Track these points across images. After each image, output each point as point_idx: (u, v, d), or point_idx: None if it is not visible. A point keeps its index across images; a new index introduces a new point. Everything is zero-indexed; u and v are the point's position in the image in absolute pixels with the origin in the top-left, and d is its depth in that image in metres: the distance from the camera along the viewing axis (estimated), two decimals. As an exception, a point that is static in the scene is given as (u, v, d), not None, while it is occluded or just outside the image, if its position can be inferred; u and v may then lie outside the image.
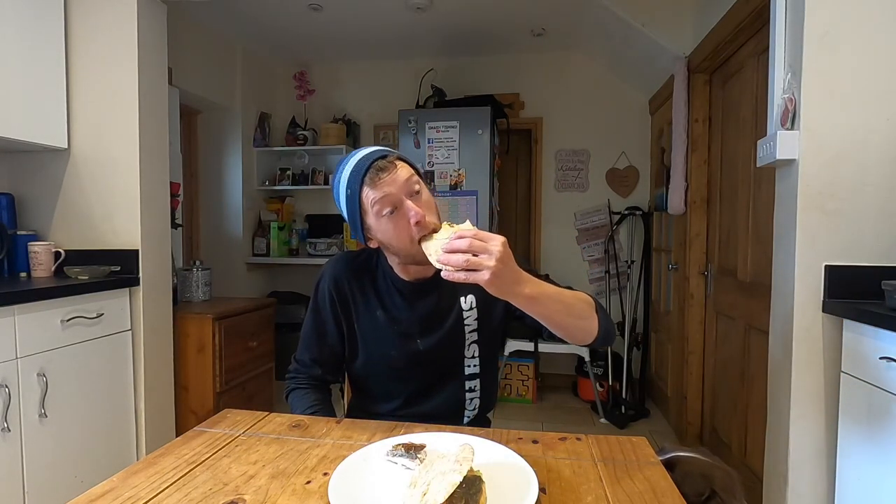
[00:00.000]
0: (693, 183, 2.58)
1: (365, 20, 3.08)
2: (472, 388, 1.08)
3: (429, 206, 0.94)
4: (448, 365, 1.06)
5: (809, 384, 1.40)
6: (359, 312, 1.06)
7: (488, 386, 1.11)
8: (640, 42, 2.74)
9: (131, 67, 1.98)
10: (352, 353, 1.08)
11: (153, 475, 0.66)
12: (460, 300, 1.05)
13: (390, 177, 0.90)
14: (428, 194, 0.96)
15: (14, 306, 1.51)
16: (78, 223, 2.03)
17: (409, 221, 0.89)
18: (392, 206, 0.90)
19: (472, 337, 1.06)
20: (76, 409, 1.74)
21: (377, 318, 1.05)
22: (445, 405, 1.06)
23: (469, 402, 1.08)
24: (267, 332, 2.66)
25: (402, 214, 0.90)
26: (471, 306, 1.05)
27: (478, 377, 1.08)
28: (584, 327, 0.87)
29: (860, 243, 1.38)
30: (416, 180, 0.94)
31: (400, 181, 0.91)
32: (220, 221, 3.48)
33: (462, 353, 1.06)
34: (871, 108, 1.36)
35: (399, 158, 0.95)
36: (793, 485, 1.42)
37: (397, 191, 0.90)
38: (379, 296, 1.06)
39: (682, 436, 2.66)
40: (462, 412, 1.08)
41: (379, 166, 0.91)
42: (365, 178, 0.91)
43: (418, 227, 0.89)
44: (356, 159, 0.94)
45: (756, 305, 1.93)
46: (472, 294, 1.06)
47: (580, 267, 3.59)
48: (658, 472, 0.67)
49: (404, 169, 0.93)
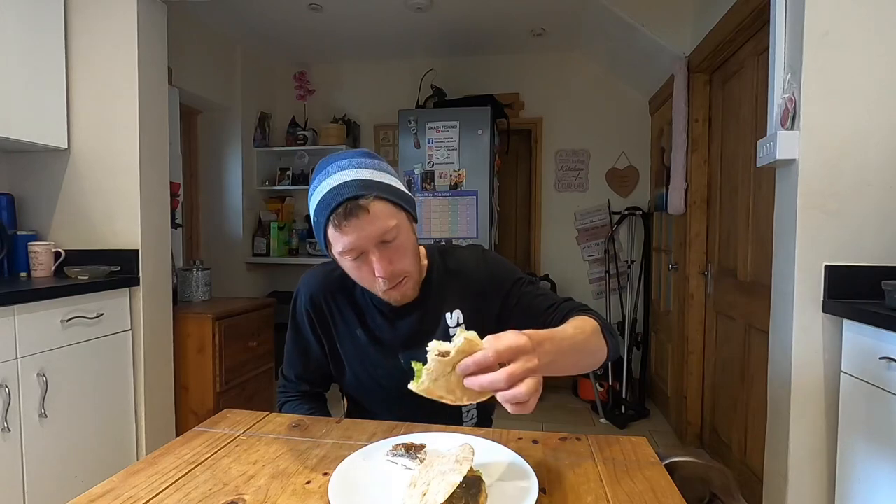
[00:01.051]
0: (693, 183, 2.58)
1: (365, 20, 3.08)
2: (468, 408, 1.01)
3: (402, 252, 0.84)
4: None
5: (809, 384, 1.40)
6: (339, 332, 0.99)
7: (486, 407, 1.05)
8: (640, 42, 2.74)
9: (131, 67, 1.98)
10: (338, 372, 1.02)
11: (153, 475, 0.66)
12: (445, 316, 0.96)
13: (358, 223, 0.79)
14: (405, 237, 0.85)
15: (14, 306, 1.51)
16: (78, 223, 2.03)
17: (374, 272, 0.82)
18: (355, 255, 0.82)
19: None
20: (76, 409, 1.74)
21: (358, 338, 0.97)
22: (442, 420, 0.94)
23: (466, 413, 1.02)
24: (267, 332, 2.66)
25: (368, 262, 0.82)
26: (457, 322, 0.96)
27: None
28: (597, 362, 0.81)
29: (860, 243, 1.38)
30: (394, 227, 0.82)
31: (368, 230, 0.79)
32: (220, 221, 3.48)
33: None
34: (871, 107, 1.36)
35: (379, 197, 0.81)
36: (793, 484, 1.42)
37: (363, 242, 0.80)
38: (358, 313, 0.98)
39: (682, 436, 2.66)
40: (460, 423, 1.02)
41: (347, 209, 0.78)
42: (331, 217, 0.80)
43: (383, 281, 0.83)
44: (328, 186, 0.81)
45: (756, 305, 1.93)
46: (459, 309, 0.97)
47: (580, 267, 3.59)
48: (658, 473, 0.67)
49: (378, 217, 0.80)
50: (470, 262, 0.99)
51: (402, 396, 0.93)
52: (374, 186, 0.81)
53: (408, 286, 0.88)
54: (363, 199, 0.79)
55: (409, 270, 0.87)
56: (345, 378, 1.01)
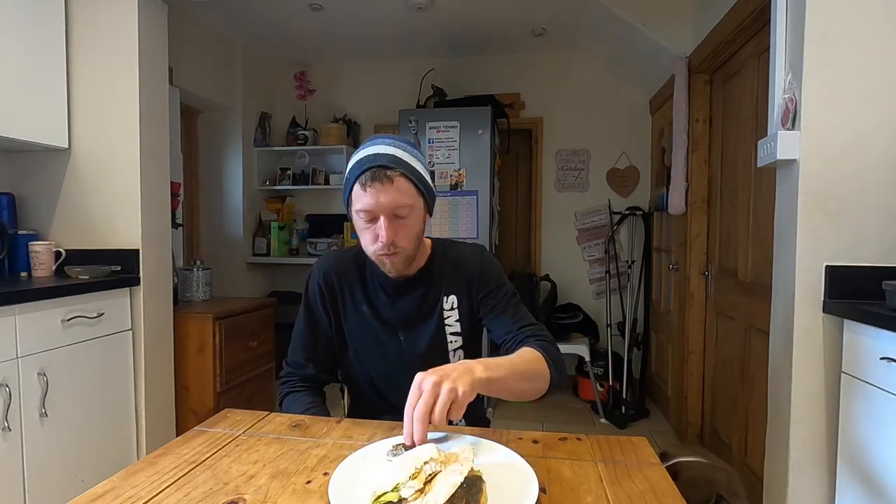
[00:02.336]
0: (693, 183, 2.58)
1: (365, 20, 3.08)
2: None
3: (408, 230, 0.94)
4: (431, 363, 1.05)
5: (810, 384, 1.40)
6: (346, 308, 1.07)
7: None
8: (641, 42, 2.74)
9: (132, 67, 1.98)
10: (341, 348, 1.09)
11: (153, 475, 0.66)
12: (442, 299, 1.05)
13: (380, 189, 0.89)
14: (416, 220, 0.95)
15: (14, 306, 1.51)
16: (78, 223, 2.03)
17: (377, 235, 0.92)
18: (369, 217, 0.92)
19: (455, 341, 1.05)
20: (76, 408, 1.74)
21: (363, 314, 1.06)
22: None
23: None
24: (267, 332, 2.66)
25: (376, 226, 0.92)
26: (452, 306, 1.05)
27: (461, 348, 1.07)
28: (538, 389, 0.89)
29: (861, 243, 1.38)
30: (408, 206, 0.92)
31: (386, 200, 0.90)
32: (221, 221, 3.49)
33: (446, 353, 1.05)
34: (872, 108, 1.36)
35: (405, 175, 0.92)
36: (793, 485, 1.42)
37: (378, 208, 0.90)
38: (365, 291, 1.07)
39: (683, 436, 2.66)
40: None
41: (374, 174, 0.90)
42: (360, 177, 0.91)
43: (381, 245, 0.92)
44: (366, 153, 0.93)
45: (756, 306, 1.93)
46: (454, 295, 1.06)
47: (580, 267, 3.59)
48: (658, 473, 0.67)
49: (399, 191, 0.91)
50: (467, 256, 1.08)
51: (398, 376, 0.99)
52: (405, 167, 0.92)
53: (399, 259, 0.96)
54: (391, 171, 0.90)
55: (407, 248, 0.95)
56: (347, 355, 1.08)
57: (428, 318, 1.05)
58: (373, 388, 1.08)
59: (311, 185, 3.65)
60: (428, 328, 1.05)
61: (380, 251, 0.94)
